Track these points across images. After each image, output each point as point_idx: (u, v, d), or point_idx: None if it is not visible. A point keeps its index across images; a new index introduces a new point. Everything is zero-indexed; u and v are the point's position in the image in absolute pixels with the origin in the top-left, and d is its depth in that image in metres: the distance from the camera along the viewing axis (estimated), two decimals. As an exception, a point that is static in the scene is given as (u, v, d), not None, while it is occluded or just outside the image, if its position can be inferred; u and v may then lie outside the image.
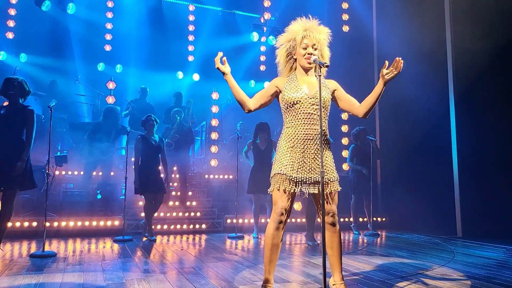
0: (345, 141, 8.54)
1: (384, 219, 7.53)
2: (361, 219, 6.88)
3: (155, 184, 5.53)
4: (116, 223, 6.01)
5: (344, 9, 9.29)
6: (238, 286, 3.08)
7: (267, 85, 2.84)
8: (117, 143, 7.39)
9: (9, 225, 4.54)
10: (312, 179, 2.59)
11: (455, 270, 3.70)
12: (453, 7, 6.55)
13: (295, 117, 2.65)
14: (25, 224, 5.63)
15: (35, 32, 8.39)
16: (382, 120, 8.21)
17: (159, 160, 5.68)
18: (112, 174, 6.79)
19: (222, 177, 7.88)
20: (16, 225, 5.56)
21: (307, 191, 2.60)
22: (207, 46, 9.62)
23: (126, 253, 4.53)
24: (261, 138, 5.91)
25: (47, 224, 4.79)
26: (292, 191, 2.60)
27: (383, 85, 2.56)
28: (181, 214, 6.63)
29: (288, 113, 2.70)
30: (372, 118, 8.18)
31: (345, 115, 8.58)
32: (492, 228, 5.72)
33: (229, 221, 6.63)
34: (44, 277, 3.30)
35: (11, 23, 8.16)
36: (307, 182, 2.59)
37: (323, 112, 2.63)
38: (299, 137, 2.62)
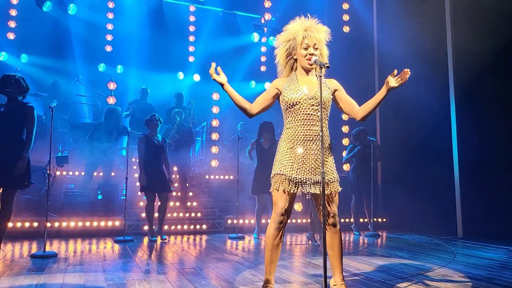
0: (345, 141, 8.53)
1: (384, 220, 7.53)
2: (361, 220, 6.88)
3: (158, 183, 5.52)
4: (117, 223, 6.01)
5: (344, 10, 9.28)
6: (238, 286, 3.08)
7: (267, 86, 2.85)
8: (118, 143, 7.41)
9: (10, 225, 4.55)
10: (312, 180, 2.59)
11: (455, 271, 3.70)
12: (453, 7, 6.54)
13: (295, 118, 2.65)
14: (26, 224, 5.64)
15: (36, 32, 8.40)
16: (382, 120, 8.20)
17: (161, 160, 5.68)
18: (113, 174, 6.80)
19: (222, 177, 7.88)
20: (17, 225, 5.57)
21: (308, 192, 2.60)
22: (207, 46, 9.64)
23: (126, 253, 4.54)
24: (265, 137, 5.90)
25: (48, 224, 4.79)
26: (291, 191, 2.60)
27: (386, 92, 2.56)
28: (181, 214, 6.64)
29: (288, 114, 2.70)
30: (372, 118, 8.18)
31: (345, 116, 8.58)
32: (493, 228, 5.71)
33: (229, 221, 6.64)
34: (45, 278, 3.31)
35: (12, 24, 8.18)
36: (307, 182, 2.59)
37: (323, 112, 2.63)
38: (299, 138, 2.62)
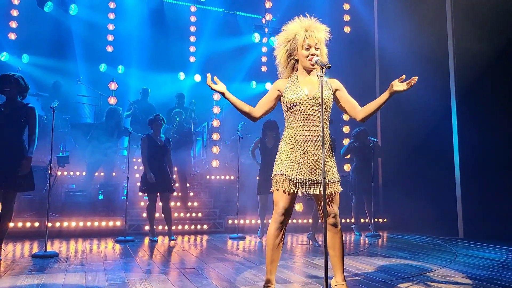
0: (346, 142, 8.53)
1: (385, 220, 7.52)
2: (362, 220, 6.88)
3: (161, 184, 5.48)
4: (117, 223, 6.02)
5: (345, 10, 9.29)
6: (239, 286, 3.08)
7: (268, 86, 2.85)
8: (119, 143, 7.41)
9: (11, 225, 4.55)
10: (312, 180, 2.59)
11: (456, 271, 3.70)
12: (454, 8, 6.54)
13: (295, 119, 2.66)
14: (27, 224, 5.65)
15: (38, 33, 8.42)
16: (383, 120, 8.20)
17: (165, 160, 5.63)
18: (114, 174, 6.81)
19: (223, 177, 7.88)
20: (18, 225, 5.58)
21: (308, 192, 2.60)
22: (208, 47, 9.64)
23: (127, 253, 4.54)
24: (269, 136, 5.88)
25: (49, 224, 4.81)
26: (292, 191, 2.60)
27: (388, 95, 2.54)
28: (182, 214, 6.64)
29: (289, 115, 2.70)
30: (373, 118, 8.16)
31: (346, 116, 8.57)
32: (494, 229, 5.71)
33: (230, 221, 6.64)
34: (46, 278, 3.31)
35: (13, 24, 8.20)
36: (307, 183, 2.60)
37: (324, 112, 2.63)
38: (299, 138, 2.62)
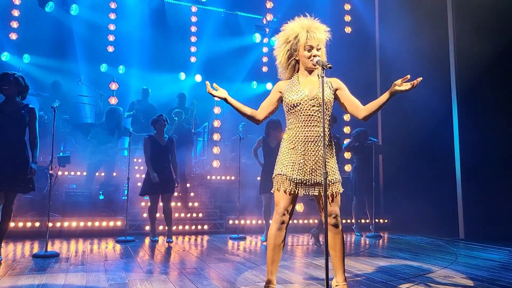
0: (346, 142, 8.53)
1: (386, 221, 7.51)
2: (363, 221, 6.87)
3: (163, 185, 5.45)
4: (118, 223, 6.02)
5: (346, 11, 9.28)
6: (240, 287, 3.08)
7: (269, 86, 2.85)
8: (120, 143, 7.41)
9: (12, 225, 4.55)
10: (313, 181, 2.59)
11: (457, 272, 3.70)
12: (455, 8, 6.54)
13: (296, 119, 2.66)
14: (28, 224, 5.65)
15: (39, 33, 8.43)
16: (384, 120, 8.19)
17: (168, 160, 5.58)
18: (114, 174, 6.81)
19: (224, 178, 7.88)
20: (19, 225, 5.58)
21: (308, 193, 2.60)
22: (209, 47, 9.66)
23: (128, 253, 4.54)
24: (272, 136, 5.88)
25: (50, 224, 4.81)
26: (292, 192, 2.60)
27: (390, 95, 2.52)
28: (183, 215, 6.64)
29: (290, 115, 2.70)
30: (374, 118, 8.16)
31: (347, 117, 8.56)
32: (495, 230, 5.70)
33: (231, 222, 6.64)
34: (46, 278, 3.31)
35: (14, 24, 8.21)
36: (308, 183, 2.60)
37: (325, 113, 2.63)
38: (300, 139, 2.63)
